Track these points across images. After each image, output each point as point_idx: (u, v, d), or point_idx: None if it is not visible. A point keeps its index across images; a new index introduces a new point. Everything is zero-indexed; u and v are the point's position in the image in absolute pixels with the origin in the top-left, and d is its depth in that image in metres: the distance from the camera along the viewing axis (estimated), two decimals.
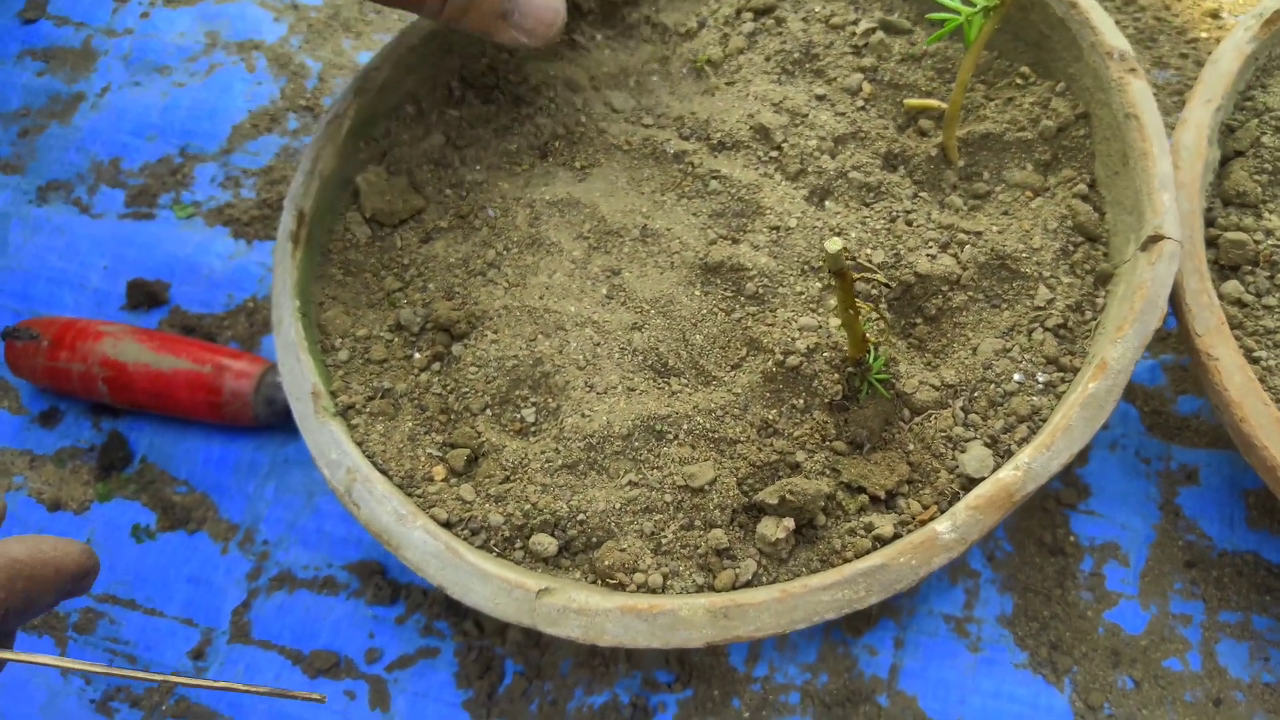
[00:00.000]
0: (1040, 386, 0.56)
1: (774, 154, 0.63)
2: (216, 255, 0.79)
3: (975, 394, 0.56)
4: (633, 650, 0.64)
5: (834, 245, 0.45)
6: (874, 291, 0.59)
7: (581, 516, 0.55)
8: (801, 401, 0.57)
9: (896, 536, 0.53)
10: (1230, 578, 0.64)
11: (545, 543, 0.55)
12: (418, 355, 0.61)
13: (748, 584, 0.54)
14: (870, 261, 0.59)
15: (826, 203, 0.62)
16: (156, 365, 0.70)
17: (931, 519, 0.53)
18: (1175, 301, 0.58)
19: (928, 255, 0.59)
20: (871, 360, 0.56)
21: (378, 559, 0.68)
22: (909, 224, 0.61)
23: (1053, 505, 0.66)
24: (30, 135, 0.86)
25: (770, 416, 0.57)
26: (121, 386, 0.70)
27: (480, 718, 0.64)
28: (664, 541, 0.55)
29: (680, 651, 0.64)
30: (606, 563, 0.54)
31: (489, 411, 0.59)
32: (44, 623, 0.68)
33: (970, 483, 0.54)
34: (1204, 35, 0.79)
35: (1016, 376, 0.56)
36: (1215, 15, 0.80)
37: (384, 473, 0.57)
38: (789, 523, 0.53)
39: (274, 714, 0.65)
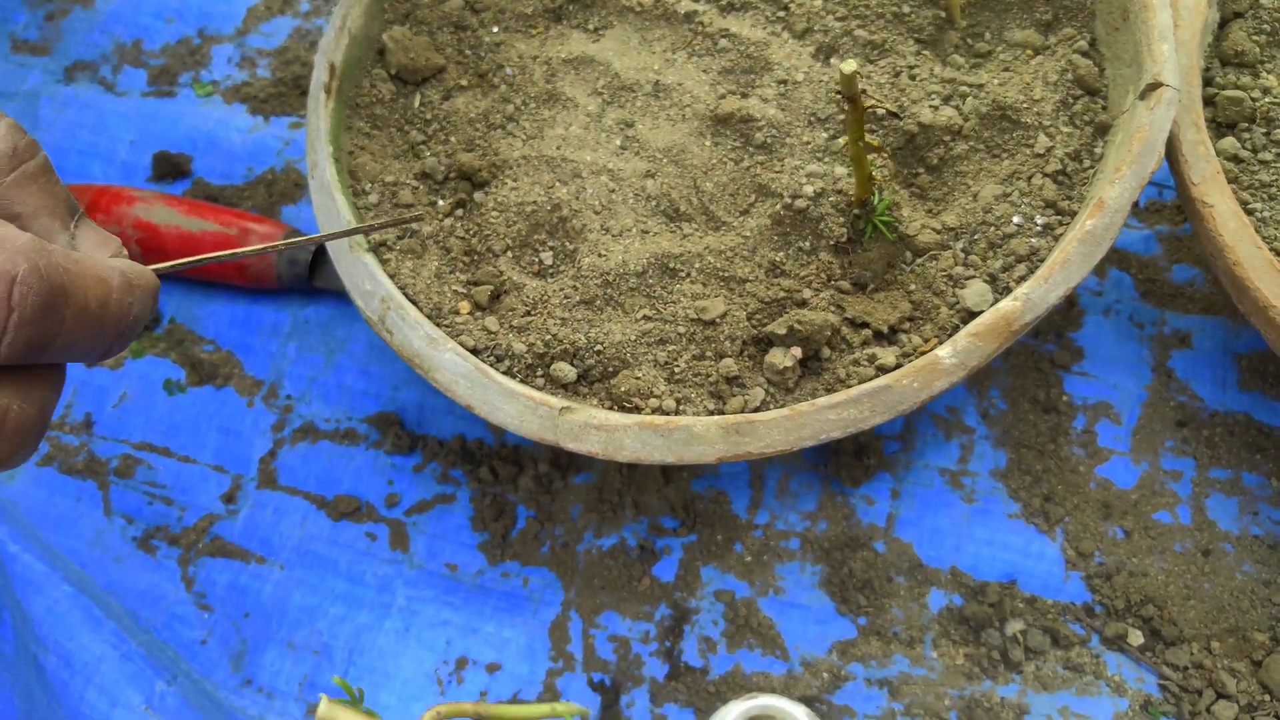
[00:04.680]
0: (1039, 229, 0.58)
1: (781, 14, 0.65)
2: (235, 130, 0.81)
3: (975, 236, 0.58)
4: (639, 498, 0.66)
5: (849, 66, 0.47)
6: (876, 144, 0.61)
7: (599, 347, 0.58)
8: (808, 243, 0.59)
9: (898, 366, 0.55)
10: (1221, 437, 0.66)
11: (565, 370, 0.57)
12: (442, 202, 0.64)
13: (756, 410, 0.56)
14: (874, 113, 0.61)
15: (832, 59, 0.64)
16: (186, 227, 0.72)
17: (932, 350, 0.55)
18: (1171, 155, 0.59)
19: (930, 107, 0.61)
20: (876, 202, 0.58)
21: (395, 411, 0.71)
22: (912, 78, 0.62)
23: (1047, 366, 0.69)
24: (56, 19, 0.88)
25: (778, 258, 0.59)
26: (153, 248, 0.73)
27: (495, 559, 0.67)
28: (677, 370, 0.57)
29: (686, 498, 0.66)
30: (623, 389, 0.56)
31: (510, 254, 0.61)
32: (87, 467, 0.71)
33: (970, 316, 0.56)
34: None
35: (1016, 219, 0.58)
36: None
37: (414, 303, 0.60)
38: (796, 351, 0.56)
39: (301, 551, 0.67)
